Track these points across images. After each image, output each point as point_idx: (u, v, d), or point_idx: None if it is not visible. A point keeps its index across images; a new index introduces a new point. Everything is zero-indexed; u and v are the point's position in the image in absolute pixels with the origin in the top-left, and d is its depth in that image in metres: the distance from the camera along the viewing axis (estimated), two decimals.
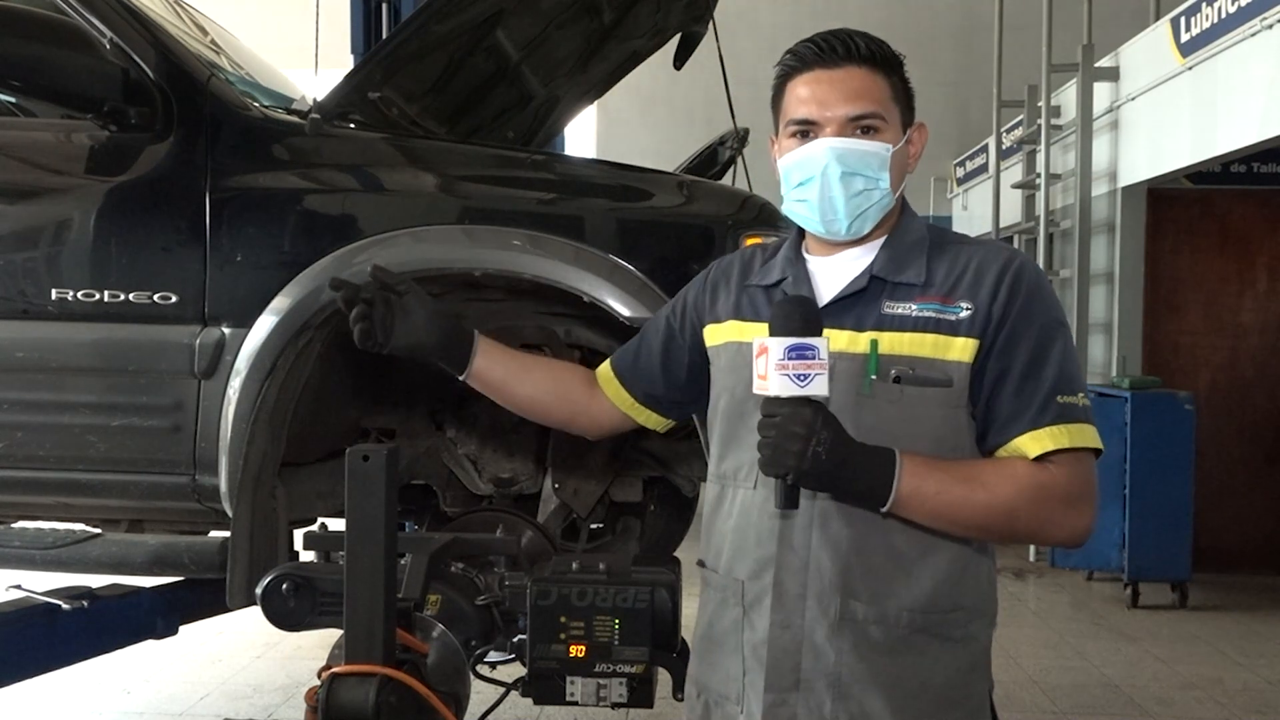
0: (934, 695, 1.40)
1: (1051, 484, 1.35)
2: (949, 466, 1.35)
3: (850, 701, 1.39)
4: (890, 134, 1.43)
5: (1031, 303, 1.39)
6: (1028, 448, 1.35)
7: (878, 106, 1.42)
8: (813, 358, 1.27)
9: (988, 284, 1.39)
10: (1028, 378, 1.36)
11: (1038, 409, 1.35)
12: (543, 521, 2.42)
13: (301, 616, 1.76)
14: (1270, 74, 4.57)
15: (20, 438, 2.23)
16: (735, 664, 1.47)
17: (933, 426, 1.38)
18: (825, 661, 1.40)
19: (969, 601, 1.43)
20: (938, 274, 1.42)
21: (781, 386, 1.27)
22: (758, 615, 1.44)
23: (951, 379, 1.38)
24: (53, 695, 3.78)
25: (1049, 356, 1.37)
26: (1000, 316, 1.38)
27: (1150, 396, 5.49)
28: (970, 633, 1.43)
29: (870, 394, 1.38)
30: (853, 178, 1.41)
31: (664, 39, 3.31)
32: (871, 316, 1.41)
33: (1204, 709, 4.04)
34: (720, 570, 1.52)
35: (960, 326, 1.38)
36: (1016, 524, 1.37)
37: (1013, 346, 1.37)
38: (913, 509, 1.34)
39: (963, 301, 1.39)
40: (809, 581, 1.40)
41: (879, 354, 1.38)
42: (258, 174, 2.23)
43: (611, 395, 1.70)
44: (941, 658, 1.40)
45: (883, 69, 1.44)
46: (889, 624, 1.39)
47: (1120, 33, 6.45)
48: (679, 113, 9.22)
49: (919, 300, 1.40)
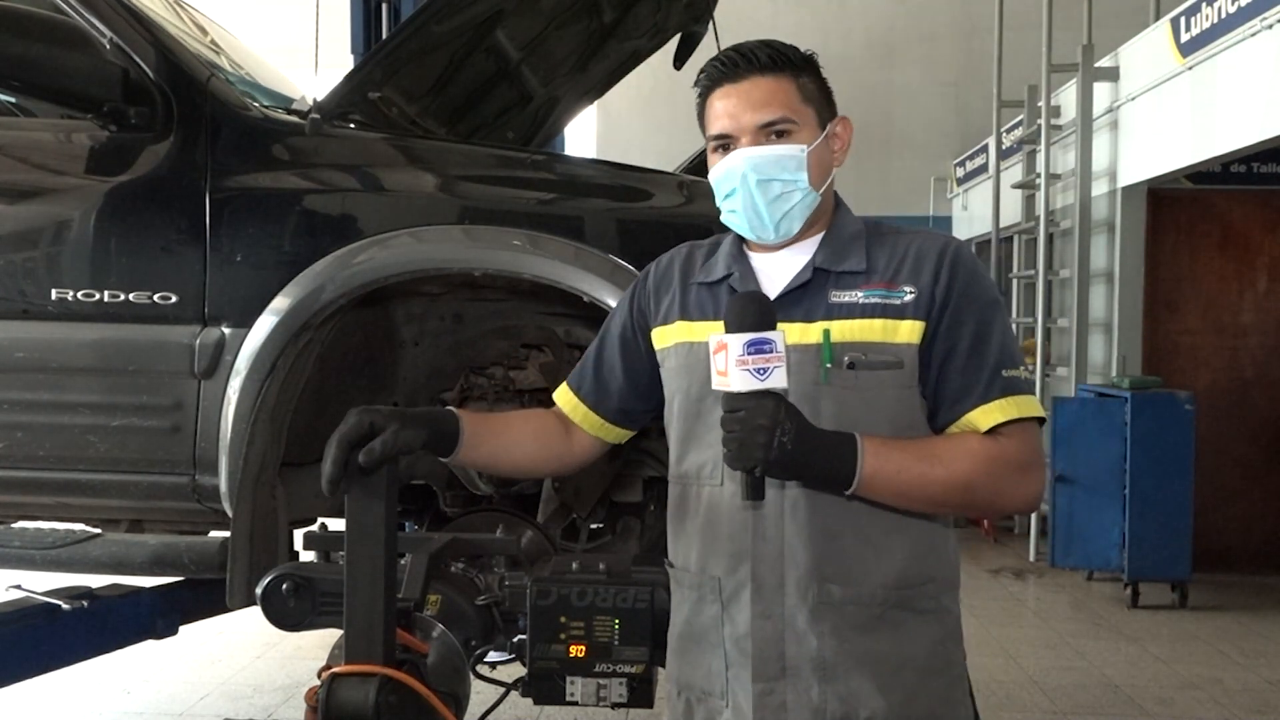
0: (915, 668, 1.44)
1: (1004, 454, 1.40)
2: (907, 445, 1.40)
3: (837, 683, 1.43)
4: (804, 134, 1.47)
5: (971, 285, 1.45)
6: (979, 421, 1.41)
7: (785, 111, 1.46)
8: (770, 351, 1.31)
9: (928, 268, 1.45)
10: (973, 355, 1.42)
11: (985, 384, 1.41)
12: (543, 521, 2.42)
13: (301, 616, 1.75)
14: (1270, 74, 4.57)
15: (20, 438, 2.23)
16: (717, 659, 1.49)
17: (888, 408, 1.43)
18: (808, 646, 1.43)
19: (938, 573, 1.48)
20: (879, 261, 1.48)
21: (743, 381, 1.30)
22: (737, 609, 1.47)
23: (902, 361, 1.43)
24: (53, 695, 3.78)
25: (991, 334, 1.43)
26: (943, 299, 1.43)
27: (1150, 396, 5.49)
28: (942, 604, 1.48)
29: (828, 382, 1.43)
30: (769, 183, 1.46)
31: (664, 39, 3.31)
32: (820, 307, 1.46)
33: (1204, 709, 4.04)
34: (693, 569, 1.54)
35: (906, 310, 1.43)
36: (974, 495, 1.41)
37: (957, 326, 1.43)
38: (876, 489, 1.38)
39: (906, 286, 1.45)
40: (786, 570, 1.44)
41: (832, 342, 1.43)
42: (258, 174, 2.23)
43: (581, 422, 1.68)
44: (917, 631, 1.45)
45: (789, 73, 1.48)
46: (864, 603, 1.43)
47: (1120, 33, 6.45)
48: (679, 113, 9.19)
49: (864, 288, 1.45)
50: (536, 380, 2.51)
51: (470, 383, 2.54)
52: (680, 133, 3.92)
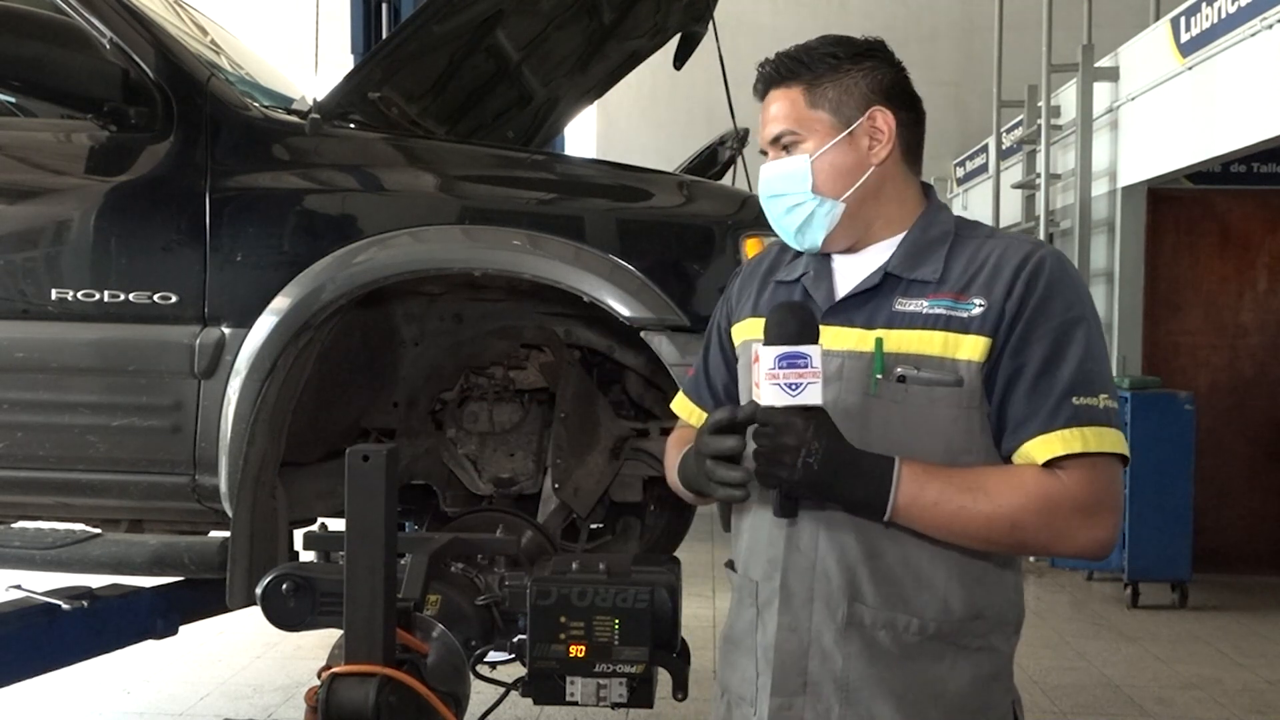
0: (948, 705, 1.36)
1: (1061, 493, 1.27)
2: (952, 475, 1.29)
3: (859, 707, 1.36)
4: (811, 143, 1.41)
5: (1050, 298, 1.31)
6: (1036, 453, 1.28)
7: (788, 123, 1.41)
8: (805, 366, 1.24)
9: (1004, 279, 1.32)
10: (1042, 377, 1.29)
11: (1050, 411, 1.28)
12: (543, 521, 2.42)
13: (301, 616, 1.75)
14: (1270, 74, 4.57)
15: (20, 438, 2.23)
16: (750, 665, 1.45)
17: (942, 428, 1.33)
18: (833, 665, 1.37)
19: (989, 610, 1.38)
20: (954, 270, 1.36)
21: (774, 396, 1.25)
22: (769, 616, 1.42)
23: (962, 378, 1.32)
24: (53, 695, 3.78)
25: (1066, 355, 1.29)
26: (1015, 313, 1.31)
27: (1150, 396, 5.49)
28: (990, 643, 1.38)
29: (877, 394, 1.34)
30: (778, 198, 1.43)
31: (664, 39, 3.31)
32: (882, 314, 1.37)
33: (1204, 709, 4.04)
34: (739, 570, 1.51)
35: (972, 324, 1.32)
36: (1023, 535, 1.29)
37: (1026, 345, 1.30)
38: (913, 518, 1.29)
39: (976, 298, 1.33)
40: (815, 584, 1.38)
41: (884, 352, 1.34)
42: (258, 174, 2.23)
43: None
44: (957, 666, 1.36)
45: (802, 80, 1.41)
46: (898, 630, 1.35)
47: (1120, 33, 6.45)
48: (679, 113, 9.21)
49: (931, 297, 1.35)
50: (536, 380, 2.51)
51: (470, 383, 2.55)
52: (680, 133, 3.94)
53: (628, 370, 2.52)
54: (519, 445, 2.52)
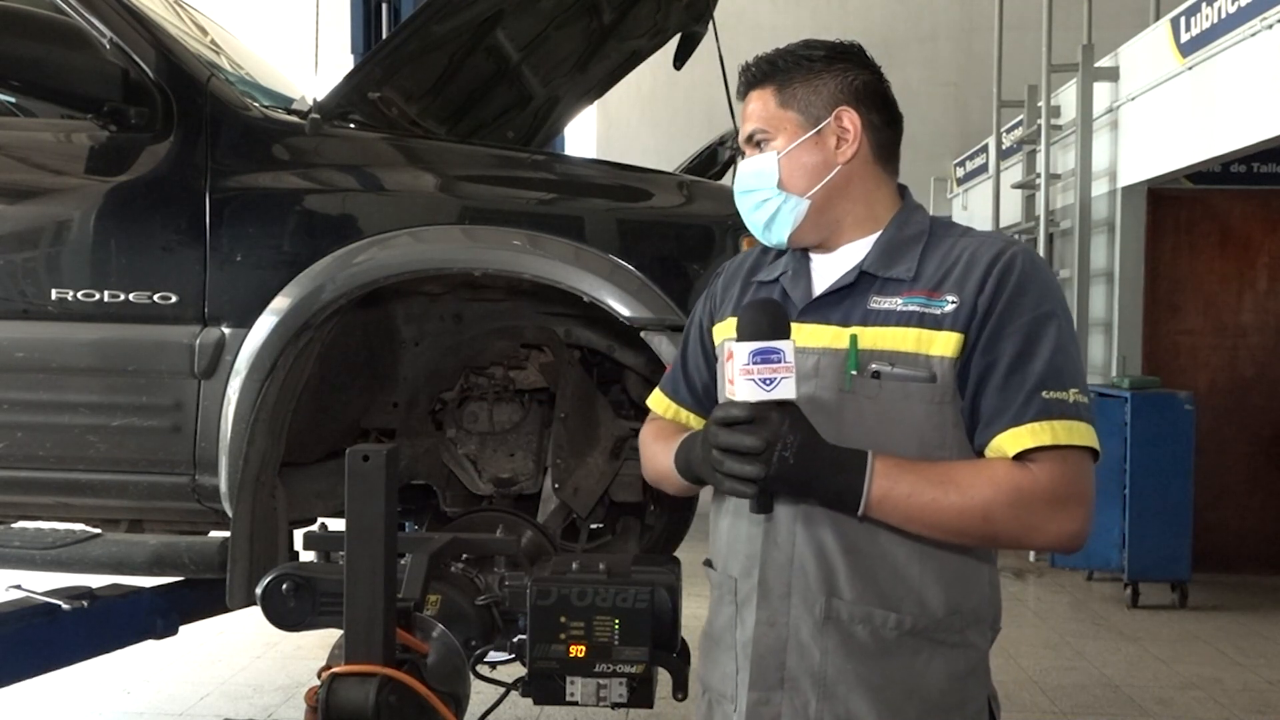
0: (924, 700, 1.37)
1: (1031, 485, 1.29)
2: (924, 469, 1.31)
3: (835, 702, 1.37)
4: (779, 141, 1.45)
5: (1022, 294, 1.33)
6: (1007, 446, 1.30)
7: (759, 122, 1.46)
8: (778, 361, 1.25)
9: (976, 276, 1.35)
10: (1013, 372, 1.31)
11: (1020, 405, 1.30)
12: (543, 521, 2.42)
13: (301, 616, 1.75)
14: (1270, 74, 4.57)
15: (20, 438, 2.23)
16: (730, 661, 1.47)
17: (915, 424, 1.35)
18: (810, 660, 1.38)
19: (966, 606, 1.40)
20: (928, 267, 1.39)
21: (748, 391, 1.26)
22: (748, 612, 1.43)
23: (935, 374, 1.34)
24: (53, 695, 3.78)
25: (1036, 350, 1.31)
26: (986, 309, 1.33)
27: (1150, 396, 5.49)
28: (967, 639, 1.40)
29: (851, 390, 1.36)
30: (748, 194, 1.47)
31: (664, 39, 3.31)
32: (857, 312, 1.40)
33: (1204, 709, 4.04)
34: (718, 567, 1.53)
35: (944, 320, 1.34)
36: (995, 527, 1.30)
37: (998, 340, 1.32)
38: (886, 512, 1.31)
39: (949, 295, 1.35)
40: (793, 579, 1.39)
41: (859, 349, 1.36)
42: (258, 174, 2.23)
43: (687, 422, 1.66)
44: (934, 662, 1.38)
45: (774, 81, 1.46)
46: (875, 625, 1.37)
47: (1120, 33, 6.45)
48: (679, 113, 9.21)
49: (905, 295, 1.37)
50: (536, 380, 2.51)
51: (470, 383, 2.55)
52: (680, 133, 3.94)
53: (628, 370, 2.52)
54: (519, 445, 2.52)
